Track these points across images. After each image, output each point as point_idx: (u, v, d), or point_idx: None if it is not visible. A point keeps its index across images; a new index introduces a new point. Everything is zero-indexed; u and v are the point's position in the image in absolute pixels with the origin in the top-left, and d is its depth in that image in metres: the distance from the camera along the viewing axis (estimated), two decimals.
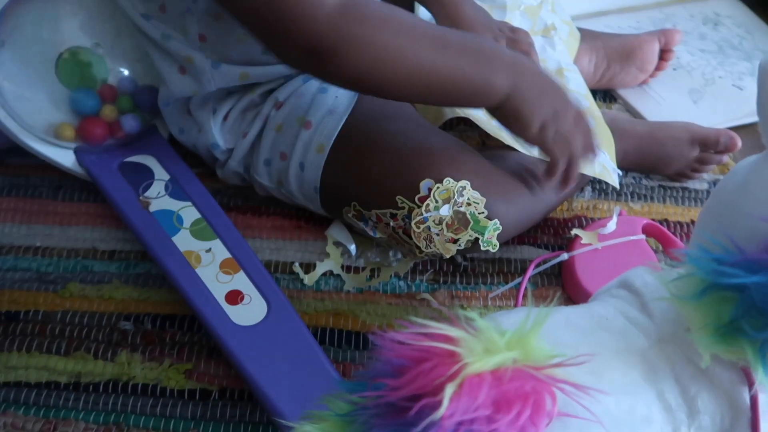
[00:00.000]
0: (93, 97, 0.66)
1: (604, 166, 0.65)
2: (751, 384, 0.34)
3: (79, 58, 0.65)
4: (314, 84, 0.63)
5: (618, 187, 0.69)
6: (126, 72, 0.67)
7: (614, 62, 0.80)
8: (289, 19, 0.47)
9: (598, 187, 0.73)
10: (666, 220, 0.71)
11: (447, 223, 0.58)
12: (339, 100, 0.62)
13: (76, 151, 0.66)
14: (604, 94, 0.83)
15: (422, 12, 0.69)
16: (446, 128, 0.77)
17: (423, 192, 0.58)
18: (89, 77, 0.65)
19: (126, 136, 0.67)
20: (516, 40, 0.65)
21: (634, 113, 0.81)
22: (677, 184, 0.75)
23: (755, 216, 0.33)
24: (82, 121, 0.65)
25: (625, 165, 0.73)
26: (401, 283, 0.64)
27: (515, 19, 0.73)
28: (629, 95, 0.82)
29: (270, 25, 0.48)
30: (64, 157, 0.66)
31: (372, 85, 0.52)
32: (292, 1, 0.46)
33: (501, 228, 0.59)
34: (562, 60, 0.73)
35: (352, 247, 0.65)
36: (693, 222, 0.72)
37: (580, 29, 0.79)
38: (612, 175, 0.66)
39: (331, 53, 0.48)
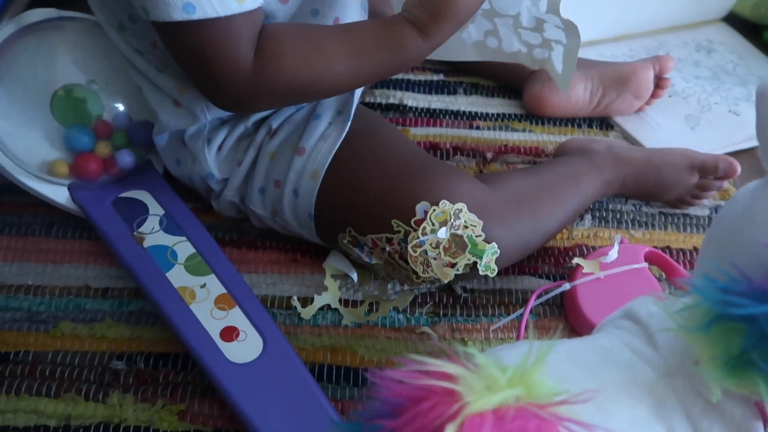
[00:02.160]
0: (87, 133, 0.65)
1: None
2: (765, 420, 0.33)
3: (73, 95, 0.65)
4: (307, 110, 0.63)
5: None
6: (121, 108, 0.67)
7: (610, 90, 0.80)
8: (214, 78, 0.52)
9: (599, 215, 0.72)
10: (668, 248, 0.70)
11: (444, 246, 0.57)
12: (332, 126, 0.62)
13: (70, 188, 0.65)
14: (601, 122, 0.83)
15: None
16: (442, 158, 0.77)
17: (419, 215, 0.57)
18: (84, 114, 0.65)
19: (121, 171, 0.67)
20: None
21: (631, 140, 0.81)
22: (678, 211, 0.74)
23: (760, 243, 0.32)
24: (76, 157, 0.65)
25: (624, 192, 0.73)
26: (400, 316, 0.62)
27: None
28: (626, 122, 0.82)
29: (199, 78, 0.54)
30: (58, 193, 0.65)
31: (304, 99, 0.60)
32: (215, 65, 0.51)
33: (499, 252, 0.58)
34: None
35: (354, 275, 0.64)
36: (696, 249, 0.71)
37: None
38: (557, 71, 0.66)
39: (257, 98, 0.54)
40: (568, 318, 0.63)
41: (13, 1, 0.71)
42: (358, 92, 0.65)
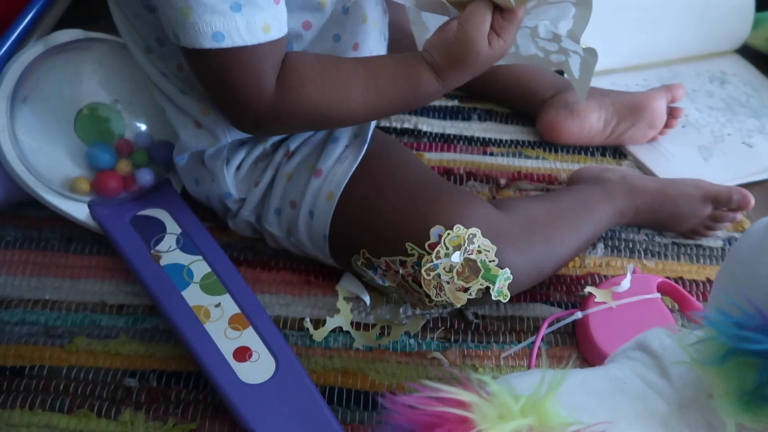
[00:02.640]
0: (109, 151, 0.67)
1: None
2: None
3: (97, 113, 0.66)
4: (324, 133, 0.65)
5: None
6: (143, 127, 0.69)
7: (623, 119, 0.80)
8: (237, 102, 0.54)
9: (611, 244, 0.72)
10: (681, 278, 0.70)
11: (457, 270, 0.57)
12: (349, 149, 0.63)
13: (90, 205, 0.66)
14: (614, 151, 0.84)
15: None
16: (456, 183, 0.78)
17: (433, 239, 0.57)
18: (106, 132, 0.67)
19: (140, 189, 0.68)
20: None
21: (645, 169, 0.81)
22: (691, 242, 0.74)
23: None
24: (97, 174, 0.66)
25: (637, 222, 0.73)
26: (412, 341, 0.63)
27: None
28: (639, 152, 0.83)
29: (222, 102, 0.56)
30: (78, 210, 0.66)
31: (321, 127, 0.62)
32: (239, 91, 0.53)
33: (512, 278, 0.58)
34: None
35: (366, 298, 0.65)
36: (709, 280, 0.71)
37: None
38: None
39: (276, 123, 0.57)
40: (579, 347, 0.63)
41: (42, 21, 0.73)
42: None
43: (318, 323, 0.63)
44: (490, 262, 0.58)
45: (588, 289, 0.64)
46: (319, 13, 0.58)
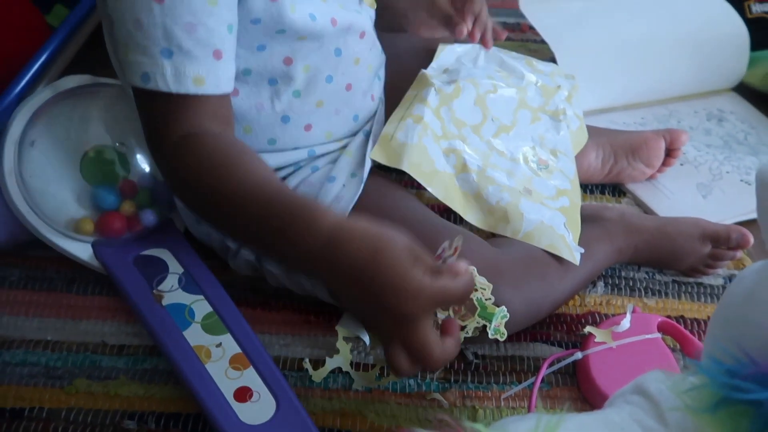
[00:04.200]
0: (114, 192, 0.68)
1: (563, 239, 0.65)
2: None
3: (103, 156, 0.68)
4: (323, 172, 0.65)
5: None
6: (147, 168, 0.70)
7: (621, 157, 0.81)
8: (150, 139, 0.54)
9: (611, 282, 0.72)
10: (682, 317, 0.70)
11: (454, 308, 0.57)
12: (345, 189, 0.63)
13: (94, 245, 0.67)
14: (613, 188, 0.84)
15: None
16: (455, 221, 0.78)
17: None
18: (111, 174, 0.68)
19: (143, 229, 0.69)
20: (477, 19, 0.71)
21: (644, 207, 0.82)
22: (692, 280, 0.74)
23: (765, 326, 0.32)
24: (101, 215, 0.67)
25: (636, 260, 0.73)
26: (411, 382, 0.62)
27: (530, 90, 0.75)
28: (638, 189, 0.83)
29: (144, 130, 0.55)
30: (82, 250, 0.67)
31: (203, 216, 0.54)
32: (153, 129, 0.53)
33: (509, 316, 0.58)
34: (560, 144, 0.74)
35: (366, 338, 0.65)
36: (710, 319, 0.71)
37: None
38: (573, 253, 0.65)
39: (167, 176, 0.54)
40: (580, 388, 0.63)
41: (53, 65, 0.75)
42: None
43: (317, 364, 0.63)
44: (486, 300, 0.58)
45: (588, 329, 0.64)
46: (310, 43, 0.59)
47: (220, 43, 0.52)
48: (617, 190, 0.84)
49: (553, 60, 0.91)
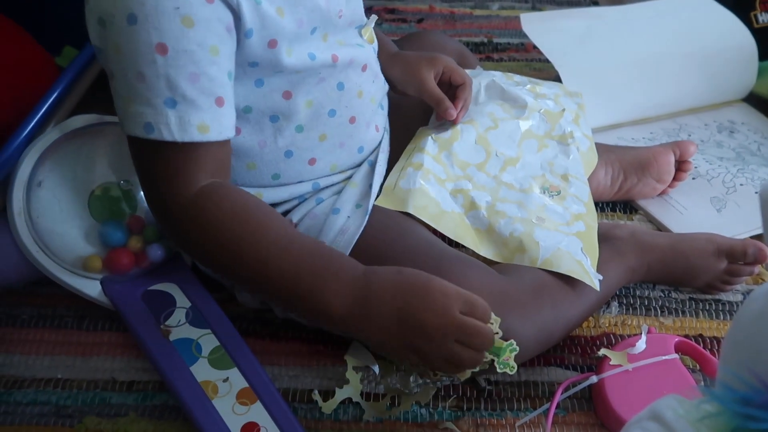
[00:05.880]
0: (121, 228, 0.68)
1: (581, 264, 0.63)
2: None
3: (110, 194, 0.68)
4: (327, 205, 0.65)
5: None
6: None
7: (631, 174, 0.80)
8: (156, 195, 0.54)
9: (626, 302, 0.71)
10: (700, 336, 0.68)
11: None
12: (350, 220, 0.63)
13: (102, 282, 0.67)
14: (625, 206, 0.83)
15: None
16: (463, 247, 0.77)
17: None
18: (118, 211, 0.68)
19: (151, 264, 0.69)
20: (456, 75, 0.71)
21: (657, 224, 0.80)
22: (709, 297, 0.72)
23: None
24: (109, 252, 0.68)
25: (650, 278, 0.71)
26: (423, 411, 0.61)
27: (534, 119, 0.75)
28: (650, 206, 0.82)
29: (148, 193, 0.56)
30: (91, 287, 0.67)
31: (215, 268, 0.57)
32: (164, 184, 0.53)
33: (518, 349, 0.57)
34: (571, 168, 0.73)
35: (375, 367, 0.64)
36: None
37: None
38: (592, 279, 0.63)
39: (180, 235, 0.55)
40: (597, 412, 0.61)
41: (60, 108, 0.76)
42: (376, 185, 0.66)
43: (327, 395, 0.62)
44: (494, 334, 0.56)
45: (602, 351, 0.63)
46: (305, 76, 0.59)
47: (222, 91, 0.52)
48: (629, 207, 0.83)
49: (558, 78, 0.90)
